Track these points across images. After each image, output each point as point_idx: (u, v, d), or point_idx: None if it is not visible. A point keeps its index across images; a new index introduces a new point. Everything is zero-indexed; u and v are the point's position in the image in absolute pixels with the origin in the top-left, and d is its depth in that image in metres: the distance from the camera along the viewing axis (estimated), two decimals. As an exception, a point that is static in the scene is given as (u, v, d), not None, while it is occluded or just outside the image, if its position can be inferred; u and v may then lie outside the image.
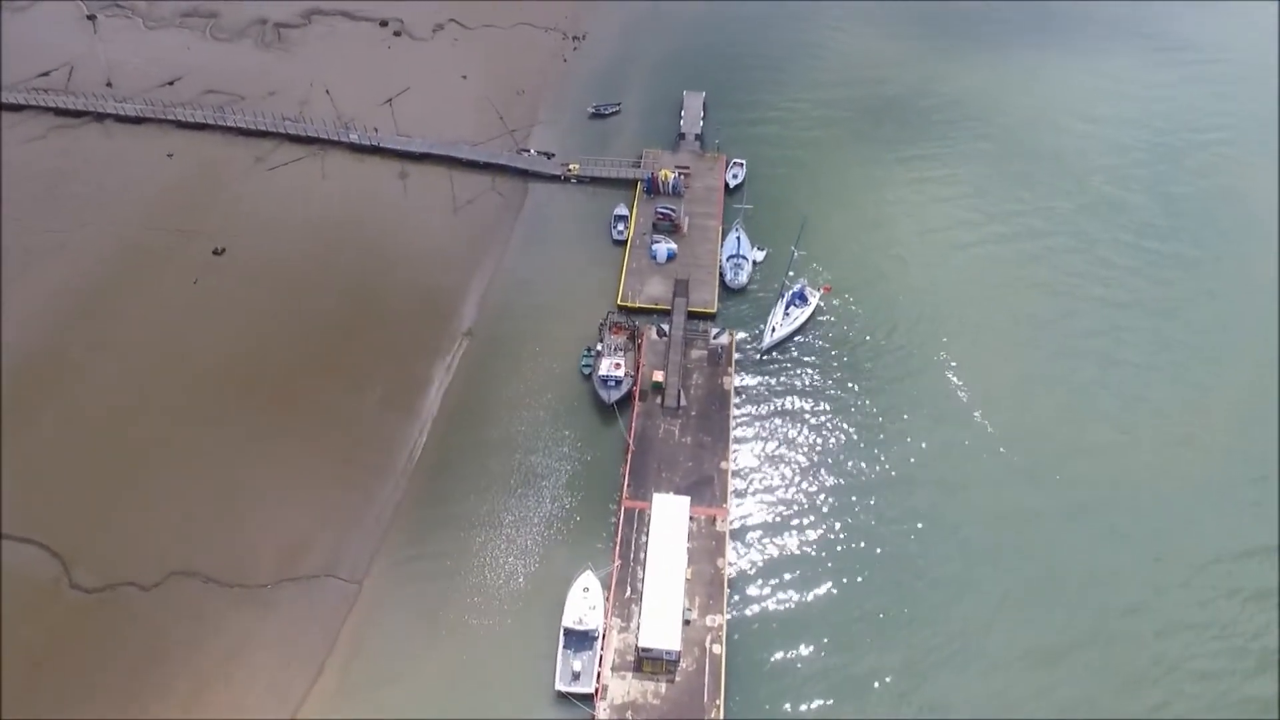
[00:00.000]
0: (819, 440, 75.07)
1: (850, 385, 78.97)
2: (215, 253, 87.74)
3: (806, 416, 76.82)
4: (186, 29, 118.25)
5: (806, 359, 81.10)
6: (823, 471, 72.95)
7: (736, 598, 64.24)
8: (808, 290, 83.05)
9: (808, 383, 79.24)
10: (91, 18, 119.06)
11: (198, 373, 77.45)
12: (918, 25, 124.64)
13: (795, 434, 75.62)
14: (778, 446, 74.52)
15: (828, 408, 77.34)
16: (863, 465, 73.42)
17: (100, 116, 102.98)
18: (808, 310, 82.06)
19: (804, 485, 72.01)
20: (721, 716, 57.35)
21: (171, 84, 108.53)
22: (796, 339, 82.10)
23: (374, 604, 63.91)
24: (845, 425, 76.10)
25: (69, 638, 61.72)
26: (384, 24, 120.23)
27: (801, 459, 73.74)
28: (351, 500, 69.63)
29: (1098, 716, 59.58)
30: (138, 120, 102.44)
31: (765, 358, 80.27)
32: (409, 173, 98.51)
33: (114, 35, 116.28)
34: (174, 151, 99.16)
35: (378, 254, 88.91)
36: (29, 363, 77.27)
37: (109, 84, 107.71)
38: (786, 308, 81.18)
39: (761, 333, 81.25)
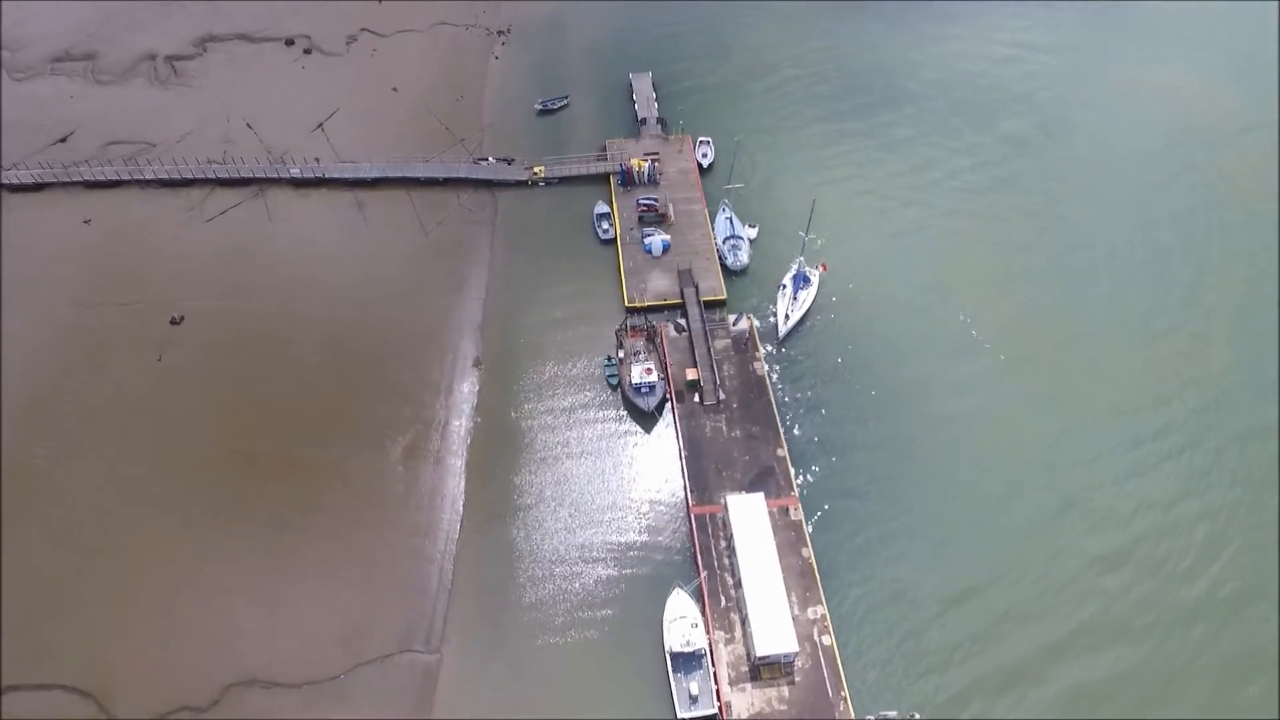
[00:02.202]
0: (854, 401, 74.47)
1: (865, 343, 78.78)
2: (173, 322, 78.96)
3: (836, 383, 76.11)
4: (62, 75, 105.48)
5: (820, 329, 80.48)
6: (868, 424, 72.75)
7: (830, 583, 63.36)
8: (808, 271, 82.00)
9: (827, 350, 78.57)
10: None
11: (191, 461, 69.71)
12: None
13: (833, 403, 74.67)
14: (822, 419, 73.53)
15: (853, 368, 76.92)
16: (898, 412, 73.58)
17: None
18: (813, 290, 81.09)
19: (854, 447, 71.41)
20: (850, 708, 56.69)
21: (64, 140, 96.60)
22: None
23: (461, 668, 59.63)
24: (874, 380, 75.86)
25: (126, 784, 54.98)
26: (290, 43, 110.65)
27: (843, 424, 73.06)
28: (405, 566, 64.59)
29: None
30: (36, 187, 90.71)
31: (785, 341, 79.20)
32: (364, 201, 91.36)
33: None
34: (90, 216, 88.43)
35: (355, 294, 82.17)
36: (-13, 483, 67.72)
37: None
38: (795, 293, 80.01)
39: (774, 319, 79.81)
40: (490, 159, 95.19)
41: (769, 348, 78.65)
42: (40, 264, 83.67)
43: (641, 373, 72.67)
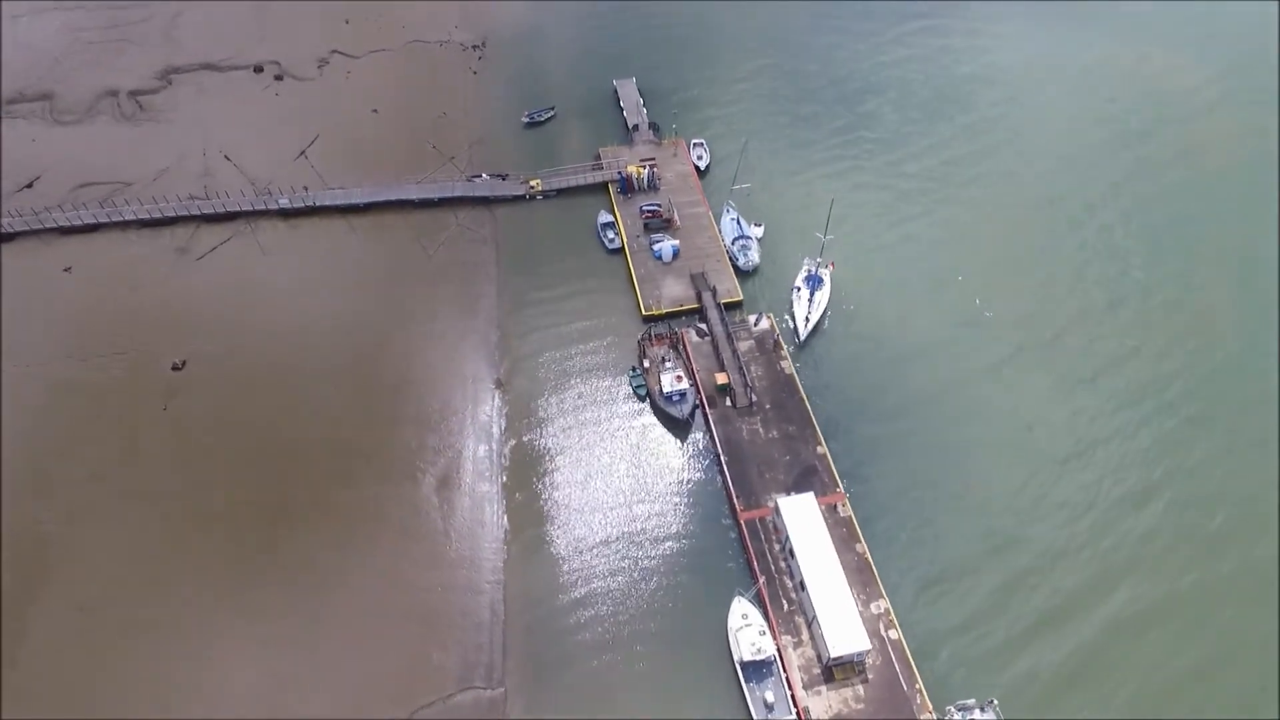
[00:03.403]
0: (870, 384, 74.95)
1: (877, 329, 79.31)
2: (175, 368, 75.31)
3: (850, 371, 76.30)
4: (19, 118, 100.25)
5: (833, 322, 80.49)
6: (888, 407, 73.22)
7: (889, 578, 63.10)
8: (819, 271, 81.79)
9: (842, 341, 78.76)
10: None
11: (213, 513, 66.24)
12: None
13: (849, 388, 74.87)
14: (843, 407, 73.36)
15: (867, 355, 77.34)
16: (915, 393, 74.26)
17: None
18: (827, 290, 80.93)
19: (875, 427, 71.96)
20: (926, 699, 56.44)
21: (31, 185, 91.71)
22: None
23: (528, 700, 57.66)
24: (888, 365, 76.31)
25: None
26: (259, 70, 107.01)
27: (861, 406, 73.39)
28: (454, 599, 62.38)
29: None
30: (6, 237, 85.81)
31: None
32: (359, 227, 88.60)
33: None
34: (70, 264, 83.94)
35: (364, 323, 79.51)
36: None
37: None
38: (811, 294, 79.81)
39: (793, 324, 79.36)
40: (484, 175, 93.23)
41: (792, 346, 78.36)
42: (22, 318, 79.02)
43: (672, 381, 71.66)
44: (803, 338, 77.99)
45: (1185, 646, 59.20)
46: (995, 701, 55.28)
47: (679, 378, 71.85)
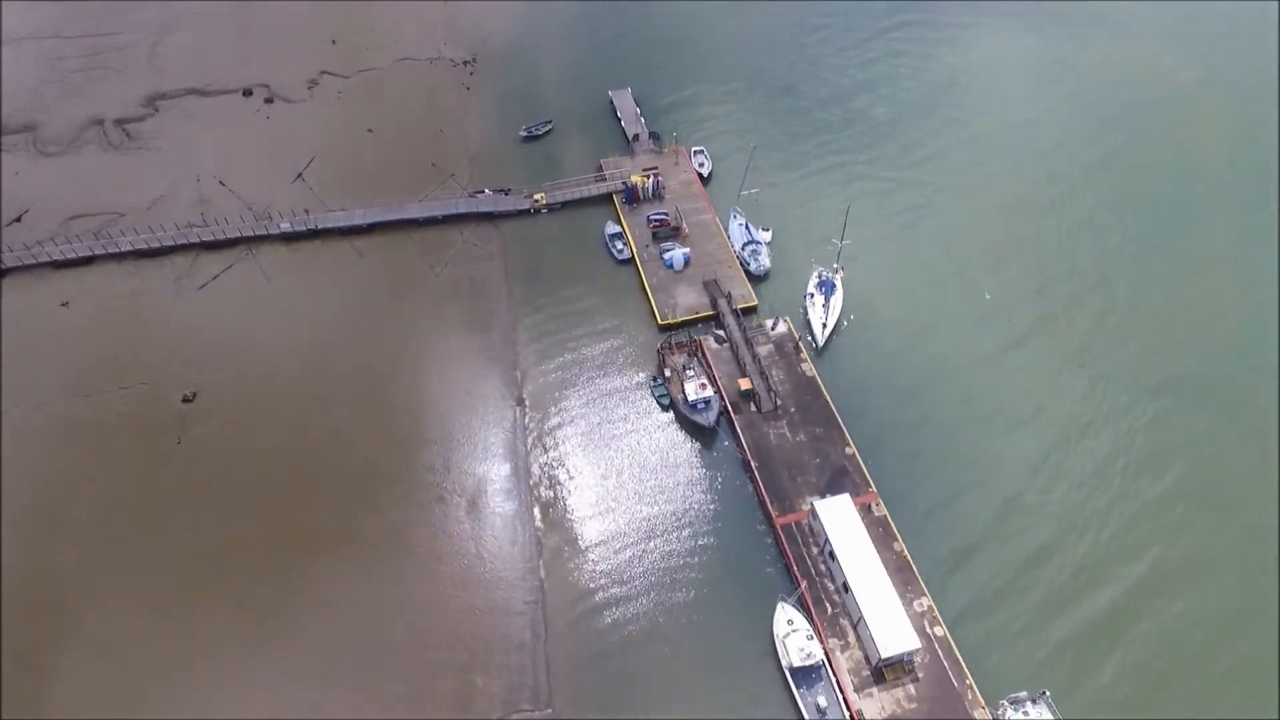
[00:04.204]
0: (893, 380, 75.45)
1: (886, 325, 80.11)
2: (185, 400, 73.38)
3: (863, 366, 76.80)
4: (4, 151, 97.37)
5: (847, 320, 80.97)
6: (906, 400, 73.83)
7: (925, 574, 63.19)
8: (832, 277, 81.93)
9: (854, 340, 79.15)
10: None
11: (237, 547, 64.33)
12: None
13: (874, 384, 75.29)
14: (868, 404, 73.56)
15: (877, 350, 77.88)
16: (931, 388, 74.70)
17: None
18: (840, 294, 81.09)
19: (892, 415, 72.66)
20: (978, 694, 56.40)
21: (19, 220, 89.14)
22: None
23: (577, 717, 56.81)
24: (899, 360, 76.92)
25: None
26: (248, 93, 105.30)
27: (887, 404, 73.69)
28: (493, 622, 61.18)
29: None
30: (1, 272, 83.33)
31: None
32: (363, 249, 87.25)
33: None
34: (67, 299, 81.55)
35: (374, 345, 78.19)
36: (13, 601, 61.08)
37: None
38: (826, 300, 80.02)
39: (810, 330, 79.29)
40: (487, 191, 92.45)
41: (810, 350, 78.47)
42: (21, 356, 76.53)
43: (696, 388, 71.27)
44: (821, 344, 78.01)
45: (1213, 611, 60.11)
46: (1047, 693, 55.36)
47: (703, 385, 71.48)
